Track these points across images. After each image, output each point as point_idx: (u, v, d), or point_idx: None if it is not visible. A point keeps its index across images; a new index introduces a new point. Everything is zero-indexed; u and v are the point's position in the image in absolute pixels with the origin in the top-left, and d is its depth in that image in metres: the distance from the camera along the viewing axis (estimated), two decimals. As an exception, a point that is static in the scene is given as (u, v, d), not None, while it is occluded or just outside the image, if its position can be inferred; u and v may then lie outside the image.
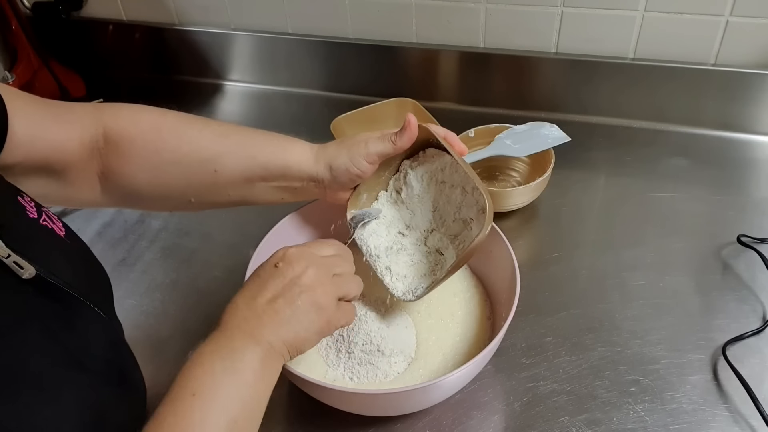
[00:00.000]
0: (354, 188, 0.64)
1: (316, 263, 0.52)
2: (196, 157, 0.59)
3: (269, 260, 0.52)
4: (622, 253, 0.80)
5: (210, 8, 1.11)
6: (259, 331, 0.47)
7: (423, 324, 0.68)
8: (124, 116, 0.58)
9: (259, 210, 0.73)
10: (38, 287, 0.40)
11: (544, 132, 0.87)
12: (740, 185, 0.89)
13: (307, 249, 0.53)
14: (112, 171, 0.58)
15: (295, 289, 0.49)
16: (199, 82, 1.19)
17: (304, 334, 0.49)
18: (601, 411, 0.63)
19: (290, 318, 0.48)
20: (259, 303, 0.48)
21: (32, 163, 0.52)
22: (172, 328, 0.75)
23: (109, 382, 0.44)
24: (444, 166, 0.64)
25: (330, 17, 1.06)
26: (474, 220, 0.62)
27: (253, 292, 0.50)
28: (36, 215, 0.45)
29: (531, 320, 0.72)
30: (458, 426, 0.63)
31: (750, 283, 0.75)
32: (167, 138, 0.58)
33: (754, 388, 0.62)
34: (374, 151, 0.59)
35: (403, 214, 0.67)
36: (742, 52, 0.92)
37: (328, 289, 0.51)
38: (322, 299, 0.50)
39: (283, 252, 0.52)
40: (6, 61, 1.07)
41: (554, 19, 0.96)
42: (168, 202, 0.63)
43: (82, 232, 0.89)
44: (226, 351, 0.46)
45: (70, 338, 0.42)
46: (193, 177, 0.59)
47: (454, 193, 0.64)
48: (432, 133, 0.61)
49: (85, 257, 0.50)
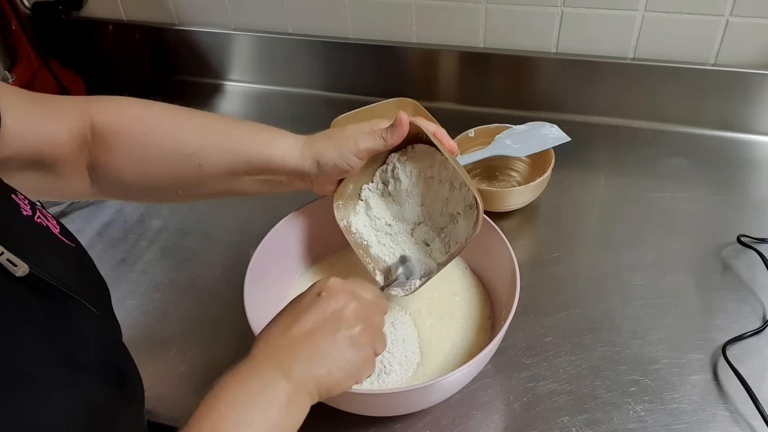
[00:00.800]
0: (340, 180, 0.64)
1: (359, 300, 0.50)
2: (179, 152, 0.59)
3: (311, 288, 0.50)
4: (622, 253, 0.80)
5: (210, 8, 1.11)
6: (291, 364, 0.45)
7: (423, 324, 0.68)
8: (111, 109, 0.58)
9: (259, 210, 0.73)
10: (31, 285, 0.40)
11: (544, 132, 0.87)
12: (740, 185, 0.89)
13: (350, 285, 0.51)
14: (100, 164, 0.58)
15: (336, 323, 0.47)
16: (199, 82, 1.19)
17: (337, 374, 0.47)
18: (601, 411, 0.63)
19: (326, 353, 0.46)
20: (295, 333, 0.46)
21: (24, 157, 0.53)
22: (172, 328, 0.75)
23: (105, 382, 0.43)
24: (433, 163, 0.64)
25: (330, 17, 1.06)
26: (461, 214, 0.63)
27: (289, 320, 0.48)
28: (30, 213, 0.45)
29: (531, 320, 0.72)
30: (458, 426, 0.63)
31: (750, 283, 0.75)
32: (151, 132, 0.58)
33: (754, 388, 0.62)
34: (364, 147, 0.59)
35: (390, 207, 0.68)
36: (742, 52, 0.92)
37: (368, 329, 0.49)
38: (363, 339, 0.48)
39: (325, 281, 0.50)
40: (6, 61, 1.07)
41: (554, 19, 0.96)
42: (156, 194, 0.63)
43: (82, 231, 0.89)
44: (253, 384, 0.44)
45: (65, 337, 0.41)
46: (178, 170, 0.59)
47: (442, 188, 0.64)
48: (422, 129, 0.61)
49: (79, 256, 0.50)
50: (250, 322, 0.59)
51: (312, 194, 0.73)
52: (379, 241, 0.68)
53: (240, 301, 0.61)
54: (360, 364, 0.48)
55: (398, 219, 0.68)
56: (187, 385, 0.68)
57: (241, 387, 0.43)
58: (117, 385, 0.45)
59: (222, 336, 0.73)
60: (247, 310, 0.60)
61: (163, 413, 0.66)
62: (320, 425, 0.64)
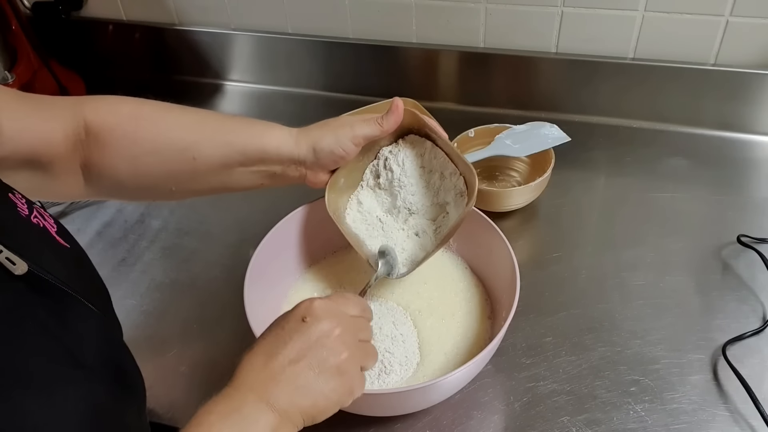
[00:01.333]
0: (332, 173, 0.65)
1: (345, 323, 0.49)
2: (173, 146, 0.59)
3: (294, 312, 0.49)
4: (622, 253, 0.80)
5: (210, 8, 1.11)
6: (276, 395, 0.44)
7: (423, 324, 0.68)
8: (104, 107, 0.58)
9: (259, 210, 0.73)
10: (31, 283, 0.40)
11: (544, 132, 0.87)
12: (740, 185, 0.89)
13: (335, 306, 0.50)
14: (94, 162, 0.58)
15: (321, 351, 0.46)
16: (199, 82, 1.19)
17: (323, 403, 0.46)
18: (601, 411, 0.63)
19: (312, 384, 0.45)
20: (279, 363, 0.45)
21: (19, 157, 0.53)
22: (172, 328, 0.75)
23: (106, 380, 0.43)
24: (424, 152, 0.65)
25: (330, 17, 1.06)
26: (451, 203, 0.64)
27: (272, 347, 0.46)
28: (27, 212, 0.45)
29: (531, 320, 0.72)
30: (458, 426, 0.63)
31: (750, 283, 0.75)
32: (145, 127, 0.59)
33: (754, 388, 0.62)
34: (361, 134, 0.60)
35: (382, 200, 0.69)
36: (742, 52, 0.92)
37: (355, 354, 0.48)
38: (348, 365, 0.47)
39: (309, 304, 0.48)
40: (6, 61, 1.07)
41: (554, 19, 0.96)
42: (150, 192, 0.63)
43: (82, 231, 0.89)
44: (236, 416, 0.43)
45: (65, 334, 0.41)
46: (172, 165, 0.60)
47: (433, 177, 0.66)
48: (415, 119, 0.62)
49: (77, 255, 0.50)
50: (250, 322, 0.59)
51: (312, 194, 0.73)
52: (370, 235, 0.68)
53: (240, 301, 0.61)
54: (346, 390, 0.47)
55: (389, 213, 0.69)
56: (187, 385, 0.68)
57: (225, 418, 0.43)
58: (118, 383, 0.45)
59: (222, 336, 0.73)
60: (247, 310, 0.60)
61: (163, 413, 0.66)
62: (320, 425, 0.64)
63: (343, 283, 0.73)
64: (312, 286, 0.73)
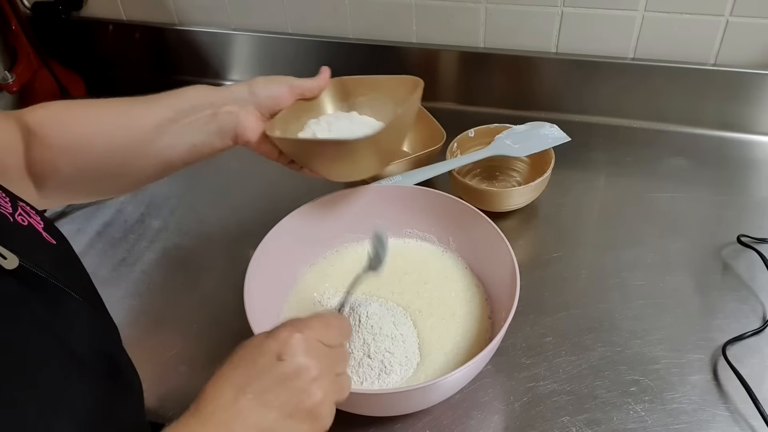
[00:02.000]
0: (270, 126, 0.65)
1: (323, 362, 0.45)
2: (106, 121, 0.62)
3: (271, 344, 0.45)
4: (622, 253, 0.80)
5: (210, 8, 1.11)
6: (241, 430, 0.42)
7: (424, 324, 0.68)
8: (39, 109, 0.60)
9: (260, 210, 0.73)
10: (22, 278, 0.40)
11: (544, 132, 0.87)
12: (740, 185, 0.89)
13: (314, 341, 0.46)
14: (36, 160, 0.59)
15: (295, 394, 0.43)
16: (200, 82, 1.17)
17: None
18: (601, 411, 0.63)
19: (281, 427, 0.43)
20: (248, 400, 0.42)
21: None
22: (171, 328, 0.75)
23: (100, 374, 0.43)
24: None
25: (330, 17, 1.06)
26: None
27: (244, 382, 0.43)
28: (11, 209, 0.45)
29: (531, 320, 0.72)
30: (458, 426, 0.63)
31: (750, 283, 0.75)
32: (78, 116, 0.61)
33: (754, 388, 0.62)
34: (296, 84, 0.67)
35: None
36: (742, 52, 0.92)
37: (330, 394, 0.45)
38: (323, 408, 0.45)
39: (288, 338, 0.45)
40: (6, 61, 1.07)
41: (554, 19, 0.96)
42: (97, 185, 0.64)
43: (82, 231, 0.89)
44: None
45: (58, 328, 0.41)
46: (108, 141, 0.61)
47: None
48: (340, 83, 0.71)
49: (65, 252, 0.50)
50: (250, 322, 0.59)
51: (311, 194, 0.73)
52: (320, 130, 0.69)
53: (240, 301, 0.61)
54: (316, 430, 0.45)
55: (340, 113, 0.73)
56: (187, 385, 0.68)
57: None
58: (113, 379, 0.45)
59: (222, 336, 0.73)
60: (247, 310, 0.60)
61: (163, 413, 0.66)
62: (320, 425, 0.64)
63: (343, 283, 0.73)
64: (312, 286, 0.73)
